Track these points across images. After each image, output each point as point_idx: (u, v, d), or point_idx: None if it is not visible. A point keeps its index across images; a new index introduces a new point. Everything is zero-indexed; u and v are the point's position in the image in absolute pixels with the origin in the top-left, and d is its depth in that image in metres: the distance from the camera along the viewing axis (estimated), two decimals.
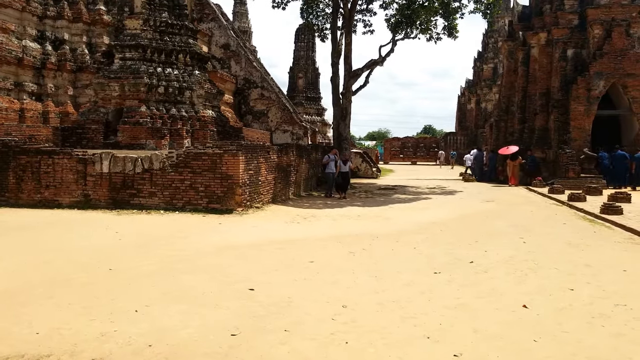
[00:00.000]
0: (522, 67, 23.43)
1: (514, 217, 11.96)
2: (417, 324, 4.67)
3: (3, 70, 20.48)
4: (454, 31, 21.77)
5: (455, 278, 6.26)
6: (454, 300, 5.36)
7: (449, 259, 7.33)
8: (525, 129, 22.82)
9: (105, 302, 5.21)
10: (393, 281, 6.10)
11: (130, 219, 10.70)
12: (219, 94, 17.94)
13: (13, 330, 4.43)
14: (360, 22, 23.35)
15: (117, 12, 23.34)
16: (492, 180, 23.12)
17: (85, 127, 15.46)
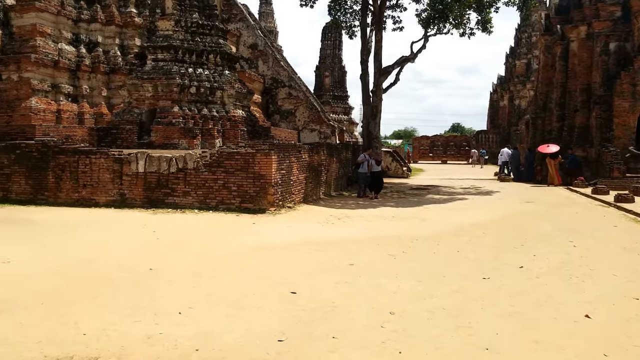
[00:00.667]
0: (561, 62, 22.69)
1: (559, 219, 11.52)
2: (472, 333, 4.46)
3: (40, 73, 20.99)
4: (488, 25, 21.23)
5: (506, 284, 6.00)
6: (509, 308, 5.12)
7: (496, 263, 7.06)
8: (565, 126, 22.10)
9: (149, 303, 5.17)
10: (440, 287, 5.89)
11: (166, 218, 10.76)
12: (248, 93, 17.95)
13: (60, 330, 4.43)
14: (390, 18, 23.04)
15: (149, 14, 23.69)
16: (529, 180, 22.47)
17: (120, 127, 15.68)
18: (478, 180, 23.86)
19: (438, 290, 5.74)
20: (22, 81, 20.70)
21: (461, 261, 7.20)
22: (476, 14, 21.06)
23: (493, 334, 4.44)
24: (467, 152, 48.16)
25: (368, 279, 6.19)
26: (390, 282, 6.05)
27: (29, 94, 20.58)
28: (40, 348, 4.06)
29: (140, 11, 24.59)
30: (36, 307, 5.01)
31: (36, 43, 21.38)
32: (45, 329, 4.45)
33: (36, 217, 10.45)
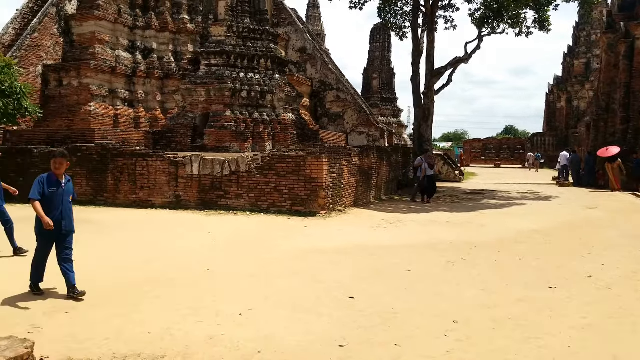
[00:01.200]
0: (625, 61, 21.55)
1: (626, 226, 10.91)
2: (542, 345, 4.26)
3: (99, 79, 22.04)
4: (546, 24, 20.49)
5: (575, 294, 5.72)
6: (580, 319, 4.87)
7: (561, 272, 6.75)
8: (630, 128, 20.94)
9: (209, 303, 5.27)
10: (504, 295, 5.68)
11: (220, 219, 10.99)
12: (298, 97, 18.10)
13: (126, 328, 4.58)
14: (441, 18, 22.68)
15: (201, 20, 24.40)
16: (590, 185, 21.43)
17: (175, 131, 16.18)
18: (535, 184, 22.99)
19: (502, 299, 5.54)
20: (82, 87, 21.81)
21: (524, 269, 6.93)
22: (533, 12, 20.38)
23: (565, 347, 4.23)
24: (521, 155, 46.57)
25: (427, 285, 6.06)
26: (450, 289, 5.90)
27: (88, 99, 21.66)
28: (108, 345, 4.21)
29: (192, 17, 25.37)
30: (103, 305, 5.22)
31: (95, 50, 22.49)
32: (112, 327, 4.62)
33: (97, 218, 10.93)
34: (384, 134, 25.24)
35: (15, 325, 4.64)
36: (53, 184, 5.61)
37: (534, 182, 24.58)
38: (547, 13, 20.26)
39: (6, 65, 14.12)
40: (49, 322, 4.72)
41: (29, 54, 22.03)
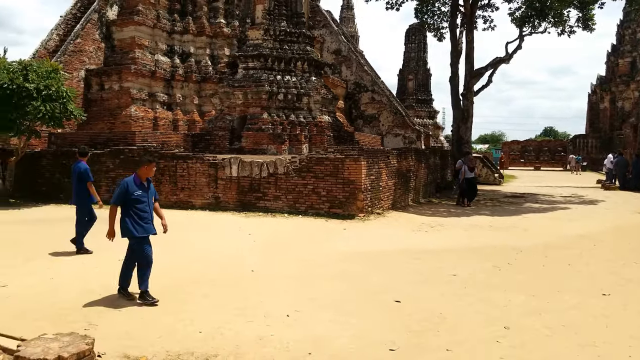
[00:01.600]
0: None
1: None
2: (600, 354, 4.15)
3: (139, 83, 22.69)
4: (590, 23, 19.89)
5: (631, 302, 5.53)
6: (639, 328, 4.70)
7: (615, 279, 6.54)
8: None
9: (256, 304, 5.34)
10: (555, 302, 5.55)
11: (259, 221, 11.12)
12: (334, 99, 18.15)
13: (178, 327, 4.70)
14: (480, 18, 22.33)
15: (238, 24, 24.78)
16: (637, 189, 20.63)
17: (213, 133, 16.47)
18: (579, 188, 22.30)
19: (553, 306, 5.41)
20: (123, 90, 22.50)
21: (574, 275, 6.74)
22: (577, 10, 19.81)
23: (625, 356, 4.10)
24: (562, 158, 45.28)
25: (474, 290, 5.97)
26: (499, 295, 5.79)
27: (129, 102, 22.32)
28: (161, 343, 4.33)
29: (228, 22, 25.80)
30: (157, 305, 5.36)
31: (135, 55, 23.17)
32: (164, 325, 4.75)
33: None
34: (420, 135, 25.00)
35: (72, 322, 4.82)
36: (138, 187, 5.60)
37: (577, 185, 23.85)
38: (591, 12, 19.67)
39: (53, 70, 14.70)
40: (103, 320, 4.89)
41: (72, 59, 22.87)
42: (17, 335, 4.43)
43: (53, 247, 8.22)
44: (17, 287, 5.90)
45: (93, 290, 5.83)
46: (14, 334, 4.44)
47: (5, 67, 13.90)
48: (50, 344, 3.58)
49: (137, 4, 23.88)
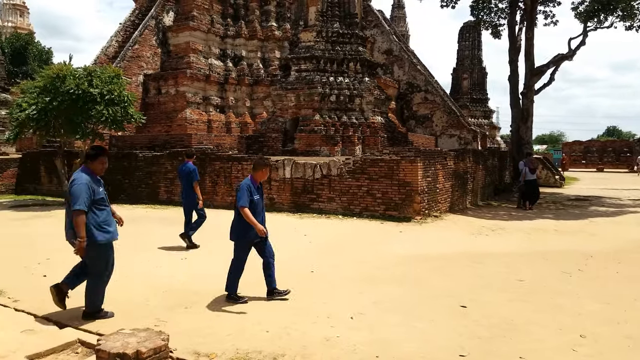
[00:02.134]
0: None
1: None
2: None
3: (194, 87, 23.44)
4: None
5: None
6: None
7: None
8: None
9: (319, 305, 5.38)
10: (635, 311, 5.26)
11: (313, 222, 11.21)
12: (387, 100, 18.03)
13: (246, 325, 4.80)
14: (541, 13, 21.52)
15: (290, 26, 25.09)
16: None
17: (266, 135, 16.76)
18: None
19: (633, 315, 5.13)
20: (178, 94, 23.31)
21: None
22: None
23: None
24: (627, 159, 42.96)
25: (544, 297, 5.76)
26: (571, 302, 5.56)
27: (184, 105, 23.10)
28: (231, 341, 4.43)
29: (280, 24, 26.21)
30: (217, 302, 5.51)
31: (190, 59, 23.95)
32: (232, 323, 4.87)
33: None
34: (476, 136, 24.41)
35: (142, 317, 5.03)
36: (256, 191, 5.62)
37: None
38: None
39: (115, 75, 15.42)
40: (171, 316, 5.07)
41: (131, 64, 23.92)
42: (93, 329, 4.68)
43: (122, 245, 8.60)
44: None
45: (162, 287, 6.06)
46: (90, 328, 4.70)
47: (71, 73, 14.69)
48: (128, 338, 3.74)
49: (192, 9, 24.69)
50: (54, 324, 4.78)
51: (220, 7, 26.17)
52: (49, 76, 14.42)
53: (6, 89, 28.61)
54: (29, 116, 14.12)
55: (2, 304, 5.31)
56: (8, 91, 28.47)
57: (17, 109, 14.67)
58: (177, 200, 14.87)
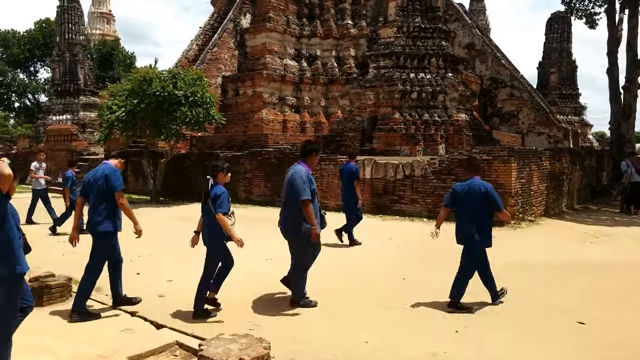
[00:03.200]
0: None
1: None
2: None
3: (270, 87, 23.78)
4: None
5: None
6: None
7: None
8: None
9: (417, 315, 5.07)
10: None
11: (396, 225, 10.85)
12: (472, 96, 17.25)
13: (342, 334, 4.59)
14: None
15: (366, 23, 24.82)
16: None
17: (343, 134, 16.58)
18: None
19: None
20: (255, 95, 23.74)
21: None
22: None
23: None
24: None
25: None
26: None
27: (261, 106, 23.48)
28: (329, 350, 4.23)
29: (355, 22, 25.97)
30: (315, 309, 5.33)
31: (266, 60, 24.33)
32: (328, 331, 4.67)
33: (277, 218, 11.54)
34: (567, 134, 22.83)
35: (235, 319, 4.97)
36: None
37: None
38: None
39: (198, 77, 15.92)
40: (265, 320, 4.96)
41: (210, 66, 24.69)
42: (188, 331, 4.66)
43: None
44: (181, 282, 6.29)
45: (251, 288, 6.00)
46: (186, 330, 4.68)
47: (157, 76, 15.32)
48: (229, 345, 3.64)
49: (268, 11, 25.08)
50: (150, 324, 4.83)
51: (296, 8, 26.39)
52: (136, 79, 15.13)
53: (95, 93, 30.68)
54: (119, 118, 14.88)
55: (101, 302, 5.46)
56: (97, 94, 30.51)
57: (108, 111, 15.52)
58: (255, 199, 15.07)
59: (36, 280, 5.27)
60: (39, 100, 45.07)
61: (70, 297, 5.44)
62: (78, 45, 30.04)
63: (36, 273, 5.86)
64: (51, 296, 5.19)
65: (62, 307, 5.19)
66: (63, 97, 29.50)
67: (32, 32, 43.14)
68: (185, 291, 5.90)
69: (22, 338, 4.31)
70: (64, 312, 5.03)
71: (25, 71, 45.26)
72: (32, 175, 11.95)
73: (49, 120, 28.90)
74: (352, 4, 26.00)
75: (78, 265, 7.15)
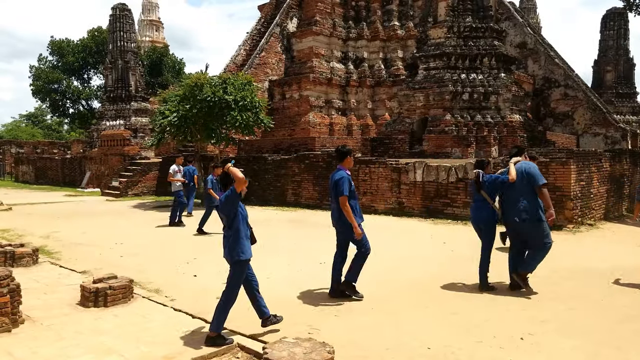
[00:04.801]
0: None
1: None
2: None
3: (316, 90, 23.89)
4: None
5: None
6: None
7: None
8: None
9: (479, 321, 4.91)
10: None
11: (449, 229, 10.62)
12: (525, 96, 16.71)
13: (403, 339, 4.49)
14: None
15: (417, 24, 24.53)
16: None
17: (392, 137, 16.42)
18: None
19: None
20: (302, 99, 23.90)
21: None
22: None
23: None
24: None
25: None
26: None
27: (307, 109, 23.61)
28: (391, 356, 4.15)
29: (402, 23, 25.73)
30: (370, 312, 5.27)
31: (312, 64, 24.46)
32: (388, 335, 4.59)
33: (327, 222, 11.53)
34: (626, 135, 21.77)
35: (293, 322, 4.94)
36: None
37: None
38: None
39: (247, 82, 16.16)
40: (323, 323, 4.92)
41: (257, 71, 25.06)
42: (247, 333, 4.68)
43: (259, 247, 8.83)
44: None
45: (307, 291, 5.99)
46: (246, 332, 4.70)
47: (208, 81, 15.66)
48: (293, 348, 3.63)
49: (315, 14, 25.23)
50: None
51: (342, 10, 26.43)
52: (188, 85, 15.51)
53: (145, 98, 31.73)
54: (171, 122, 15.29)
55: (162, 303, 5.57)
56: (147, 100, 31.55)
57: (160, 116, 15.99)
58: (303, 202, 15.13)
59: (100, 281, 5.43)
60: (92, 106, 47.08)
61: (132, 299, 5.58)
62: (130, 53, 31.14)
63: (98, 274, 6.08)
64: (115, 297, 5.33)
65: (124, 308, 5.34)
66: (115, 103, 30.63)
67: (85, 41, 45.12)
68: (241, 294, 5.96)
69: (89, 338, 4.46)
70: (127, 313, 5.17)
71: (79, 78, 47.41)
72: (171, 178, 12.31)
73: (102, 125, 30.08)
74: (399, 5, 25.79)
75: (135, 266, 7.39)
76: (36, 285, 6.16)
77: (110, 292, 5.32)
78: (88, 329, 4.69)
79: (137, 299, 5.63)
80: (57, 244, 9.17)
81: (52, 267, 7.34)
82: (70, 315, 5.07)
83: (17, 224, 12.02)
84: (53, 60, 45.74)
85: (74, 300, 5.52)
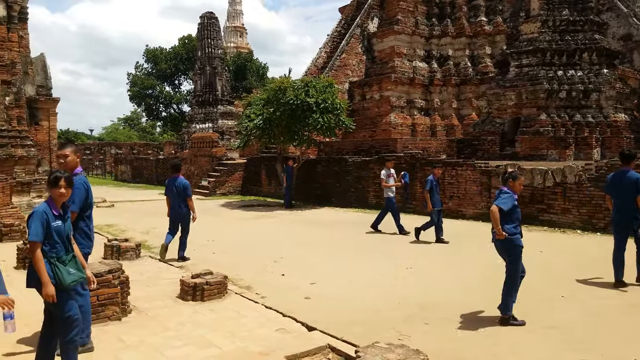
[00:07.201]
0: None
1: None
2: None
3: (398, 91, 23.64)
4: None
5: None
6: None
7: None
8: None
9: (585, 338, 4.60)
10: None
11: (546, 236, 10.06)
12: (631, 94, 15.46)
13: (499, 353, 4.32)
14: None
15: (507, 19, 23.54)
16: None
17: (480, 138, 15.87)
18: None
19: None
20: (383, 99, 23.75)
21: None
22: None
23: None
24: None
25: None
26: None
27: (388, 110, 23.42)
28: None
29: (490, 19, 24.78)
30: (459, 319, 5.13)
31: (394, 64, 24.22)
32: (482, 348, 4.44)
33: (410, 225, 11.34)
34: None
35: (380, 328, 4.92)
36: None
37: None
38: None
39: (328, 84, 16.36)
40: (412, 331, 4.85)
41: (338, 73, 25.25)
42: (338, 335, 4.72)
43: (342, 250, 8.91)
44: (324, 285, 6.45)
45: (393, 297, 5.94)
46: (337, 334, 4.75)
47: (290, 85, 16.04)
48: (386, 354, 3.61)
49: (396, 13, 24.98)
50: (301, 325, 4.98)
51: (425, 8, 25.96)
52: (272, 89, 16.00)
53: (231, 102, 33.09)
54: (256, 125, 15.83)
55: (254, 300, 5.77)
56: (232, 104, 32.90)
57: (246, 120, 16.61)
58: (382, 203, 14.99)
59: (197, 277, 5.73)
60: (182, 110, 49.91)
61: (226, 294, 5.84)
62: (217, 59, 32.62)
63: (194, 270, 6.42)
64: (211, 292, 5.61)
65: (219, 303, 5.59)
66: (203, 106, 32.24)
67: (176, 48, 47.98)
68: (327, 295, 6.04)
69: (191, 330, 4.73)
70: (222, 308, 5.41)
71: (170, 84, 50.51)
72: (384, 184, 11.27)
73: (192, 128, 31.76)
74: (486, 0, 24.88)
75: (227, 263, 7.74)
76: (140, 277, 6.63)
77: (207, 287, 5.61)
78: (188, 322, 4.97)
79: (231, 294, 5.88)
80: (156, 239, 9.79)
81: (152, 261, 7.87)
82: (171, 308, 5.41)
83: (120, 220, 13.04)
84: (148, 67, 49.08)
85: (174, 293, 5.88)
